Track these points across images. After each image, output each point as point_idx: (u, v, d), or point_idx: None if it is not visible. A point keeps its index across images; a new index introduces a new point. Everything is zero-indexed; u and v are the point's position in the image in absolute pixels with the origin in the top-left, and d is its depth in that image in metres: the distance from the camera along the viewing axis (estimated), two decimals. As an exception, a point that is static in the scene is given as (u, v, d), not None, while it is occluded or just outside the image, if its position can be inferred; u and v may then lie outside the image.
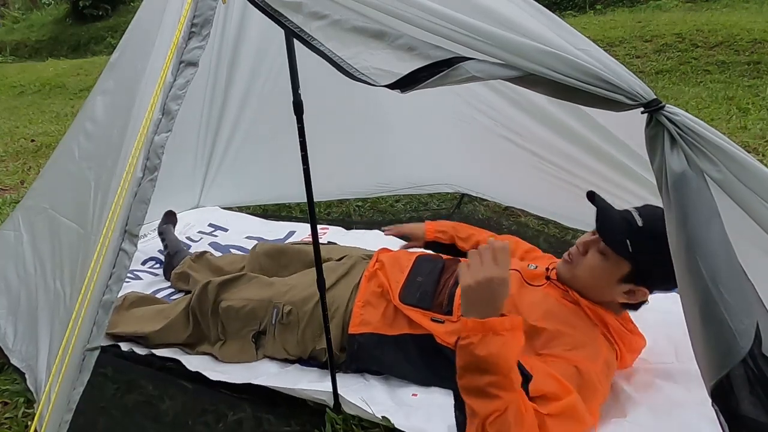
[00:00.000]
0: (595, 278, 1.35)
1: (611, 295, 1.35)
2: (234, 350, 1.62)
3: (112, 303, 1.08)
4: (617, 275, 1.32)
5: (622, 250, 1.29)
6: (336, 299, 1.55)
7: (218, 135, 2.60)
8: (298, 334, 1.56)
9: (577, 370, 1.23)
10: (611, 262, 1.32)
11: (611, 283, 1.33)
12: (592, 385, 1.23)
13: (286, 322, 1.56)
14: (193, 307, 1.66)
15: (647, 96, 0.89)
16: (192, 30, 1.13)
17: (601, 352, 1.30)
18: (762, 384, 0.86)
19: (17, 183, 3.58)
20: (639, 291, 1.32)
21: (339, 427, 1.36)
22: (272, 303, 1.59)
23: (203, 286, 1.67)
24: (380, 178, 2.70)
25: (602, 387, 1.27)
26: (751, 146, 3.19)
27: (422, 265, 1.58)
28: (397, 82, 0.95)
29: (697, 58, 5.16)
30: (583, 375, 1.23)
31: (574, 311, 1.36)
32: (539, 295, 1.40)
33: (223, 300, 1.63)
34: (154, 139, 1.10)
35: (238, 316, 1.61)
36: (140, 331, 1.68)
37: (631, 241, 1.28)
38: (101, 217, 1.17)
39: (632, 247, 1.28)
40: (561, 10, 7.73)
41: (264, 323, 1.59)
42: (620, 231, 1.30)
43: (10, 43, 11.68)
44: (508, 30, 0.91)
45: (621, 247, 1.29)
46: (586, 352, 1.27)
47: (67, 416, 1.06)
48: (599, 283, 1.35)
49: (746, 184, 0.87)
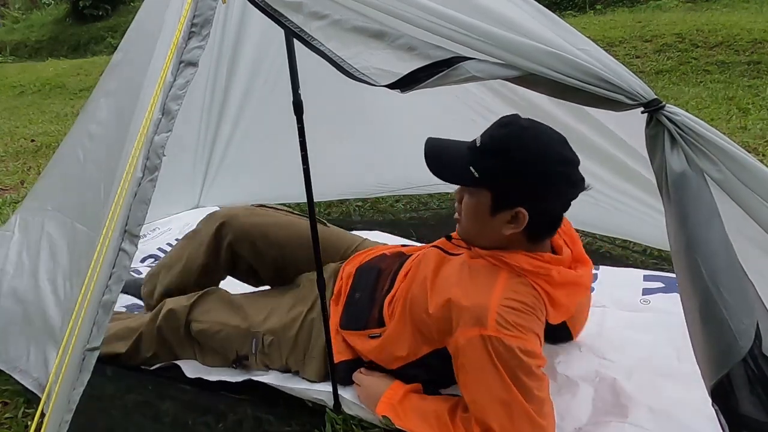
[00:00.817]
0: (473, 221, 1.27)
1: (498, 231, 1.23)
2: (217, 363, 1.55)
3: (112, 303, 1.08)
4: (486, 208, 1.22)
5: (470, 180, 1.22)
6: (315, 324, 1.47)
7: (218, 135, 2.60)
8: (282, 360, 1.49)
9: None
10: (475, 197, 1.24)
11: (487, 218, 1.23)
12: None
13: (268, 351, 1.49)
14: (161, 328, 1.56)
15: (647, 96, 0.89)
16: (192, 30, 1.13)
17: None
18: (762, 384, 0.86)
19: (17, 183, 3.58)
20: (517, 213, 1.20)
21: (339, 427, 1.36)
22: (250, 332, 1.50)
23: (168, 310, 1.56)
24: (380, 178, 2.69)
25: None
26: (751, 146, 3.19)
27: (361, 279, 1.50)
28: (397, 82, 0.95)
29: (697, 58, 5.16)
30: None
31: (477, 270, 1.26)
32: (451, 273, 1.29)
33: (193, 322, 1.54)
34: (154, 139, 1.10)
35: (214, 340, 1.53)
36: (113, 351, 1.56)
37: (474, 167, 1.21)
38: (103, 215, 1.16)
39: (478, 172, 1.20)
40: (561, 10, 7.73)
41: (244, 351, 1.51)
42: (459, 161, 1.23)
43: (10, 43, 11.67)
44: (508, 30, 0.91)
45: (467, 177, 1.22)
46: None
47: (67, 416, 1.05)
48: (479, 225, 1.26)
49: (746, 184, 0.87)
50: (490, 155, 1.21)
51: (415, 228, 2.49)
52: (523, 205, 1.20)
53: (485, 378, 1.15)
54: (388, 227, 2.46)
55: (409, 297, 1.32)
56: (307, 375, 1.46)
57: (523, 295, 1.19)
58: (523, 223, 1.21)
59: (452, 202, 2.70)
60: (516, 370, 1.13)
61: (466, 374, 1.19)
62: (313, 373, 1.45)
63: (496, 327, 1.13)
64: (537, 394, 1.16)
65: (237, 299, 1.61)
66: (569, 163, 1.22)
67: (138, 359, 1.60)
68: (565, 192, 1.23)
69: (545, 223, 1.25)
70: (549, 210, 1.24)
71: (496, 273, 1.23)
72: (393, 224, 2.53)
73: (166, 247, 2.38)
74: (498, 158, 1.20)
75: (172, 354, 1.59)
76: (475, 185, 1.24)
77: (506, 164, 1.19)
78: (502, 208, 1.22)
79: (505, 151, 1.20)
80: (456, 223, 1.34)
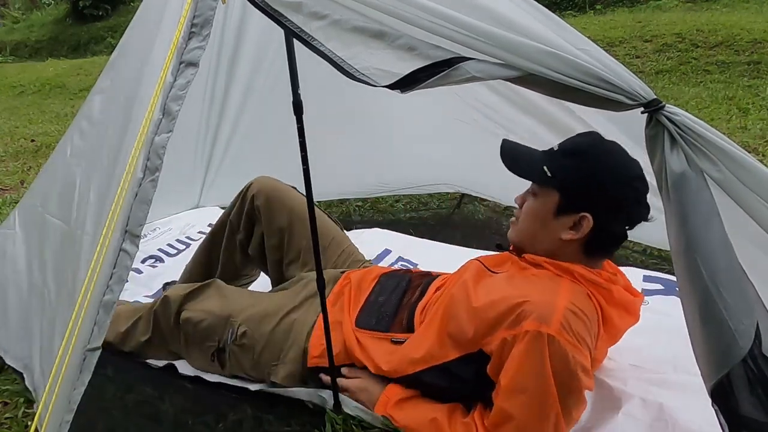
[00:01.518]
0: (534, 222, 1.25)
1: (556, 235, 1.21)
2: (199, 362, 1.54)
3: (113, 303, 1.08)
4: (551, 208, 1.21)
5: (542, 178, 1.22)
6: (296, 326, 1.44)
7: (218, 135, 2.60)
8: (254, 357, 1.44)
9: None
10: (541, 198, 1.23)
11: (549, 220, 1.22)
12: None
13: (240, 343, 1.45)
14: (156, 312, 1.57)
15: (647, 96, 0.89)
16: (192, 30, 1.13)
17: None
18: (762, 384, 0.86)
19: (17, 183, 3.58)
20: (582, 218, 1.18)
21: (339, 427, 1.36)
22: (229, 321, 1.47)
23: (164, 297, 1.57)
24: (380, 178, 2.70)
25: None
26: (751, 146, 3.19)
27: (386, 284, 1.48)
28: (397, 82, 0.95)
29: (697, 58, 5.16)
30: None
31: (534, 276, 1.22)
32: (499, 280, 1.25)
33: (184, 310, 1.53)
34: (154, 140, 1.10)
35: (196, 330, 1.51)
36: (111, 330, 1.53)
37: (548, 166, 1.21)
38: (100, 216, 1.17)
39: (551, 171, 1.21)
40: (561, 10, 7.73)
41: (222, 342, 1.48)
42: (536, 161, 1.24)
43: (10, 43, 11.68)
44: (508, 30, 0.91)
45: (540, 175, 1.22)
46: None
47: (68, 416, 1.06)
48: (538, 225, 1.24)
49: (746, 183, 0.87)
50: (567, 155, 1.22)
51: (415, 228, 2.49)
52: (589, 212, 1.18)
53: (532, 371, 1.09)
54: (388, 227, 2.46)
55: (446, 299, 1.28)
56: (277, 379, 1.41)
57: (585, 305, 1.15)
58: (585, 230, 1.18)
59: (452, 201, 2.72)
60: (565, 377, 1.09)
61: (511, 361, 1.12)
62: (285, 378, 1.41)
63: (560, 329, 1.07)
64: (573, 412, 1.14)
65: (229, 290, 1.60)
66: (644, 183, 1.19)
67: (132, 342, 1.60)
68: (631, 211, 1.20)
69: (605, 238, 1.22)
70: (612, 225, 1.21)
71: (558, 279, 1.19)
72: (393, 224, 2.53)
73: (167, 248, 2.38)
74: (574, 158, 1.20)
75: (164, 343, 1.59)
76: (545, 184, 1.23)
77: (581, 165, 1.19)
78: (567, 211, 1.20)
79: (582, 153, 1.21)
80: (507, 229, 1.33)
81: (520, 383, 1.11)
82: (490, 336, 1.16)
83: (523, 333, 1.09)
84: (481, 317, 1.18)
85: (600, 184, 1.19)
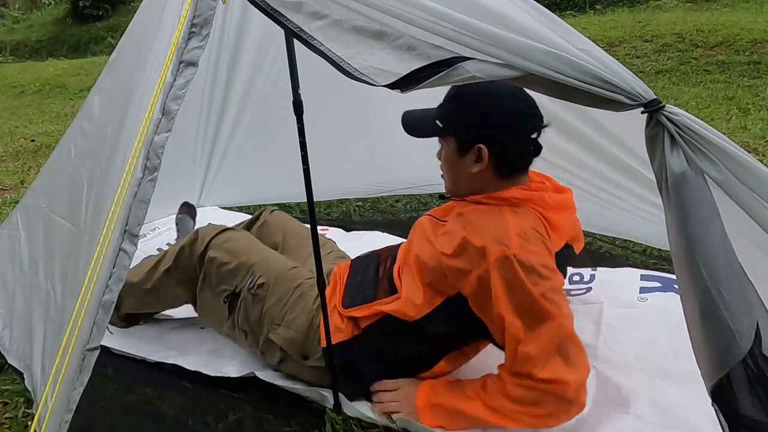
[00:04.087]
0: (450, 168, 1.39)
1: (467, 170, 1.33)
2: (207, 307, 1.59)
3: (112, 303, 1.08)
4: (454, 152, 1.35)
5: (438, 131, 1.36)
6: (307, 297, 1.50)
7: (218, 135, 2.60)
8: (262, 310, 1.49)
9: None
10: (446, 147, 1.37)
11: (457, 162, 1.35)
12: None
13: (255, 293, 1.50)
14: (184, 247, 1.62)
15: (647, 96, 0.89)
16: (192, 30, 1.13)
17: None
18: (762, 384, 0.86)
19: (17, 183, 3.58)
20: (478, 150, 1.30)
21: (339, 427, 1.36)
22: (251, 269, 1.53)
23: (196, 231, 1.64)
24: (380, 178, 2.70)
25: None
26: (751, 146, 3.19)
27: (358, 265, 1.55)
28: (396, 82, 0.95)
29: (697, 58, 5.16)
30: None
31: (479, 212, 1.32)
32: (453, 225, 1.33)
33: (211, 249, 1.57)
34: (153, 139, 1.10)
35: (218, 271, 1.55)
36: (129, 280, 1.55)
37: (439, 119, 1.35)
38: (99, 216, 1.17)
39: (442, 122, 1.34)
40: (561, 10, 7.72)
41: (239, 288, 1.53)
42: (429, 118, 1.36)
43: (10, 43, 11.67)
44: (508, 30, 0.91)
45: (434, 128, 1.36)
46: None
47: (67, 416, 1.06)
48: (455, 170, 1.38)
49: (746, 184, 0.87)
50: (450, 101, 1.35)
51: (415, 228, 2.49)
52: (482, 142, 1.30)
53: (513, 290, 1.19)
54: (388, 227, 2.46)
55: (414, 255, 1.36)
56: (277, 339, 1.44)
57: (531, 221, 1.27)
58: (485, 158, 1.30)
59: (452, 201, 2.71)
60: (540, 282, 1.20)
61: (494, 291, 1.21)
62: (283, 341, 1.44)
63: (519, 245, 1.20)
64: (562, 306, 1.22)
65: (258, 243, 1.67)
66: (515, 98, 1.30)
67: (155, 276, 1.64)
68: (518, 125, 1.31)
69: (510, 157, 1.33)
70: (508, 144, 1.32)
71: (500, 210, 1.29)
72: (393, 224, 2.53)
73: (166, 247, 2.37)
74: (455, 102, 1.34)
75: (182, 277, 1.62)
76: (442, 135, 1.37)
77: (461, 106, 1.33)
78: (466, 149, 1.32)
79: (460, 95, 1.33)
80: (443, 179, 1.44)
81: (510, 307, 1.20)
82: (465, 278, 1.25)
83: (493, 262, 1.20)
84: (449, 264, 1.28)
85: (481, 115, 1.31)
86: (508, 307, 1.20)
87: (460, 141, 1.33)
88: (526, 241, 1.21)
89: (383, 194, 2.82)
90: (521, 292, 1.19)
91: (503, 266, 1.19)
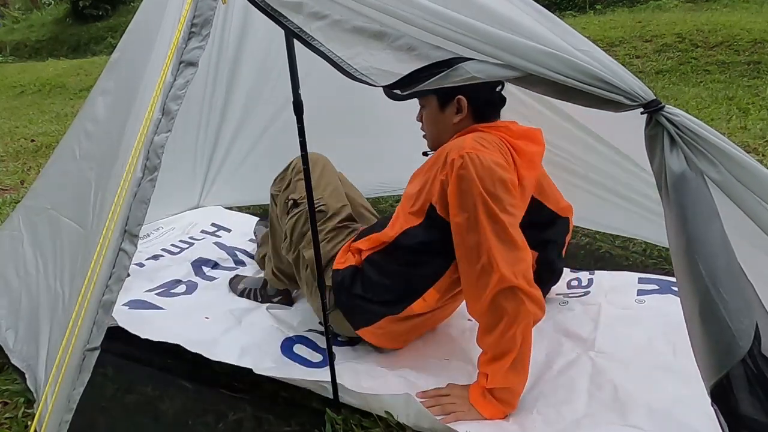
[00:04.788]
0: (433, 125, 1.51)
1: (449, 122, 1.46)
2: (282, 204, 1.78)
3: (112, 303, 1.08)
4: (436, 108, 1.46)
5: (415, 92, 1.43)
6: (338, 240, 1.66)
7: (219, 135, 2.60)
8: (305, 226, 1.66)
9: None
10: (427, 106, 1.49)
11: (439, 116, 1.47)
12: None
13: (319, 209, 1.67)
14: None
15: (647, 96, 0.89)
16: (192, 30, 1.13)
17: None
18: (762, 384, 0.86)
19: (17, 183, 3.58)
20: (458, 101, 1.42)
21: (339, 427, 1.36)
22: (320, 190, 1.73)
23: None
24: (380, 178, 2.69)
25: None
26: (751, 146, 3.19)
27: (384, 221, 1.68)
28: (396, 82, 0.95)
29: (697, 58, 5.16)
30: None
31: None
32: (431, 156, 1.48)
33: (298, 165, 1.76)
34: (153, 139, 1.10)
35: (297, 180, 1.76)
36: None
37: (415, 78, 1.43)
38: (101, 216, 1.17)
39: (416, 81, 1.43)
40: (561, 10, 7.73)
41: (305, 204, 1.63)
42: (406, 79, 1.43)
43: (10, 43, 11.68)
44: (508, 30, 0.91)
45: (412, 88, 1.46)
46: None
47: (67, 416, 1.06)
48: (437, 124, 1.49)
49: (746, 184, 0.87)
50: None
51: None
52: (460, 93, 1.42)
53: (467, 186, 1.29)
54: (388, 227, 2.46)
55: (405, 193, 1.51)
56: (305, 253, 1.61)
57: (487, 136, 1.39)
58: (465, 107, 1.43)
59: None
60: (496, 184, 1.29)
61: (451, 187, 1.33)
62: (306, 259, 1.60)
63: (473, 145, 1.32)
64: (510, 204, 1.32)
65: (335, 178, 1.86)
66: None
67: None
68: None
69: (486, 99, 1.46)
70: (481, 90, 1.40)
71: (467, 134, 1.41)
72: (393, 224, 2.53)
73: (170, 247, 2.37)
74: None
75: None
76: (424, 95, 1.47)
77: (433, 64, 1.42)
78: (446, 102, 1.45)
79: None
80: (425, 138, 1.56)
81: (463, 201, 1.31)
82: (431, 185, 1.39)
83: (450, 163, 1.32)
84: (423, 177, 1.43)
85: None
86: (454, 202, 1.32)
87: (439, 96, 1.45)
88: (480, 144, 1.33)
89: (383, 194, 2.81)
90: (470, 185, 1.29)
91: (458, 164, 1.31)
